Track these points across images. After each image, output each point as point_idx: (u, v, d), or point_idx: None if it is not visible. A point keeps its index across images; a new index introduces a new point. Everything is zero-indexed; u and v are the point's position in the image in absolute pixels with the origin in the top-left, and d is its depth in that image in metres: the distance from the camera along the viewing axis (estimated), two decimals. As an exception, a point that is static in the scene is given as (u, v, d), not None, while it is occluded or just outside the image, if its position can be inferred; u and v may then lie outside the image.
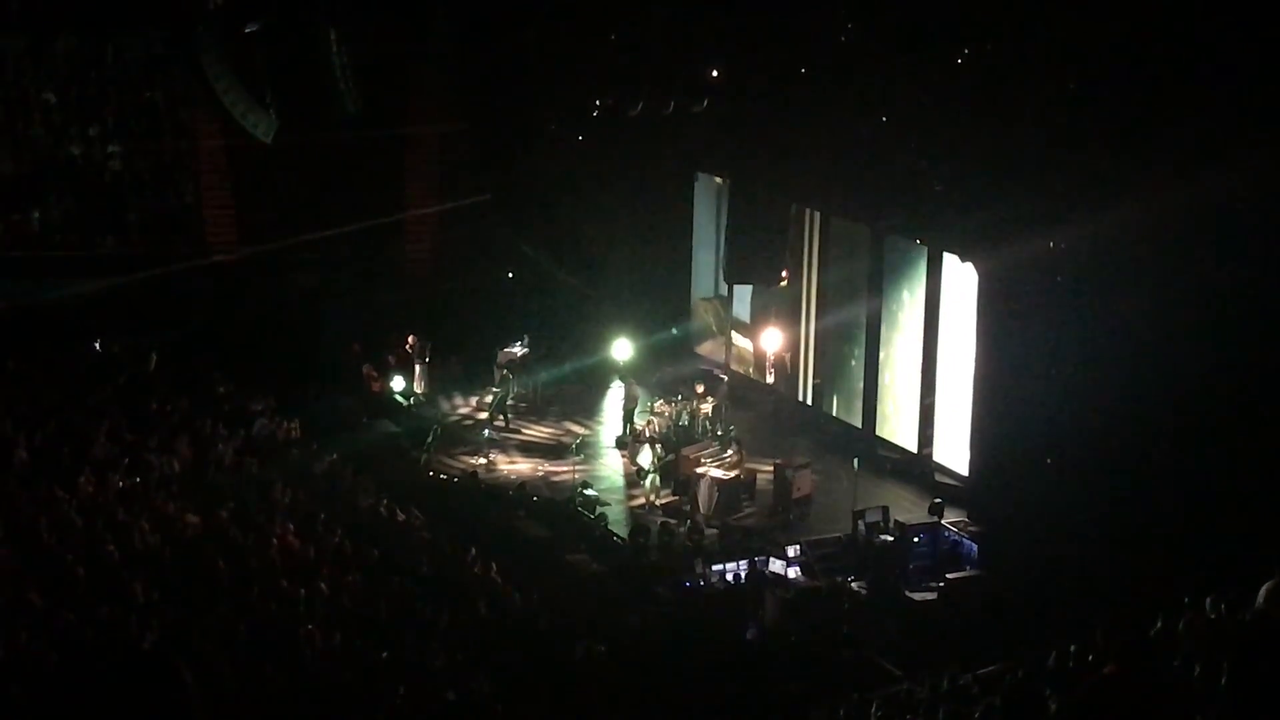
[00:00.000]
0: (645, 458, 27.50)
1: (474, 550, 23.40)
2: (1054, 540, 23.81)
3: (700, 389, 29.76)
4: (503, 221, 34.20)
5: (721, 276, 32.98)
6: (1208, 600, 17.90)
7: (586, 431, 30.33)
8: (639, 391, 30.38)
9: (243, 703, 17.96)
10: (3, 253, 33.23)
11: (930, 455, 28.29)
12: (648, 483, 27.37)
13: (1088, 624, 19.57)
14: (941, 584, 24.05)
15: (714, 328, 34.87)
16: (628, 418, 30.19)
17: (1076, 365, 25.16)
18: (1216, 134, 22.89)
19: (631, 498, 27.61)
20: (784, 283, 31.28)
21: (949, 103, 26.13)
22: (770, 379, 32.32)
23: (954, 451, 27.92)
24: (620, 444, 29.72)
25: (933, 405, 28.22)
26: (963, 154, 26.35)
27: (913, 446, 28.58)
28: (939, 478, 27.90)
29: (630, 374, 31.11)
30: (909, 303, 28.62)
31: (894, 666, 21.04)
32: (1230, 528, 22.27)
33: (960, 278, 27.33)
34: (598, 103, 29.38)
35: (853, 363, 30.22)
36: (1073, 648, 18.14)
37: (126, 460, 24.67)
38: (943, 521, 25.29)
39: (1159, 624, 18.37)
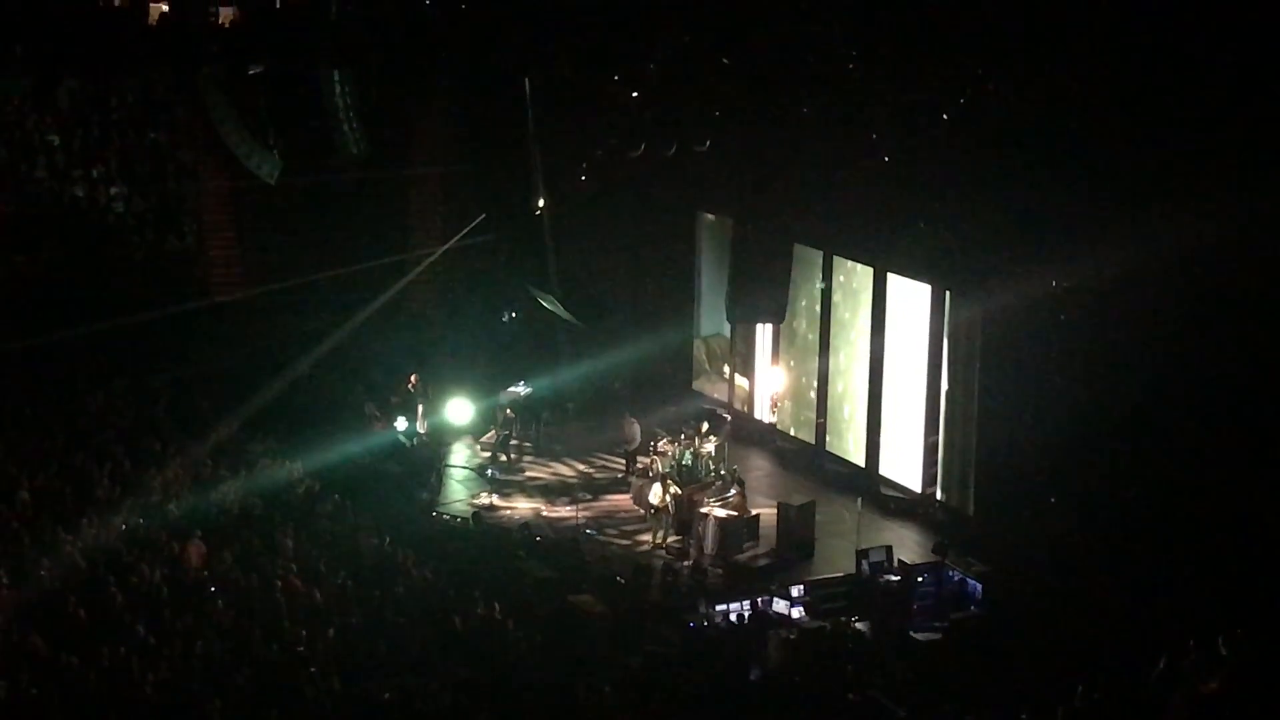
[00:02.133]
0: (653, 497, 27.47)
1: (477, 591, 23.37)
2: (1059, 580, 23.75)
3: (703, 428, 29.74)
4: (505, 261, 34.27)
5: (724, 315, 32.99)
6: (1220, 638, 17.93)
7: (573, 475, 30.27)
8: (638, 430, 30.32)
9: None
10: (6, 294, 33.28)
11: (934, 494, 28.26)
12: (654, 522, 27.33)
13: (1093, 664, 19.58)
14: (946, 624, 23.99)
15: (706, 365, 34.90)
16: (627, 456, 30.17)
17: (1080, 403, 25.15)
18: (1219, 176, 22.94)
19: (635, 538, 27.55)
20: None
21: (951, 143, 26.18)
22: (773, 418, 32.33)
23: (959, 490, 27.92)
24: (621, 483, 29.70)
25: (936, 444, 28.20)
26: (965, 194, 26.39)
27: (916, 486, 28.54)
28: (941, 516, 27.87)
29: (629, 412, 31.05)
30: (912, 340, 28.62)
31: (898, 707, 20.94)
32: (1237, 566, 22.23)
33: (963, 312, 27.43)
34: (600, 143, 29.45)
35: (836, 395, 30.25)
36: (1080, 689, 18.17)
37: (129, 501, 24.70)
38: (947, 561, 25.23)
39: (1162, 664, 18.40)
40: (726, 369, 34.22)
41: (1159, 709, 17.53)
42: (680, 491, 27.40)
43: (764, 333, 32.54)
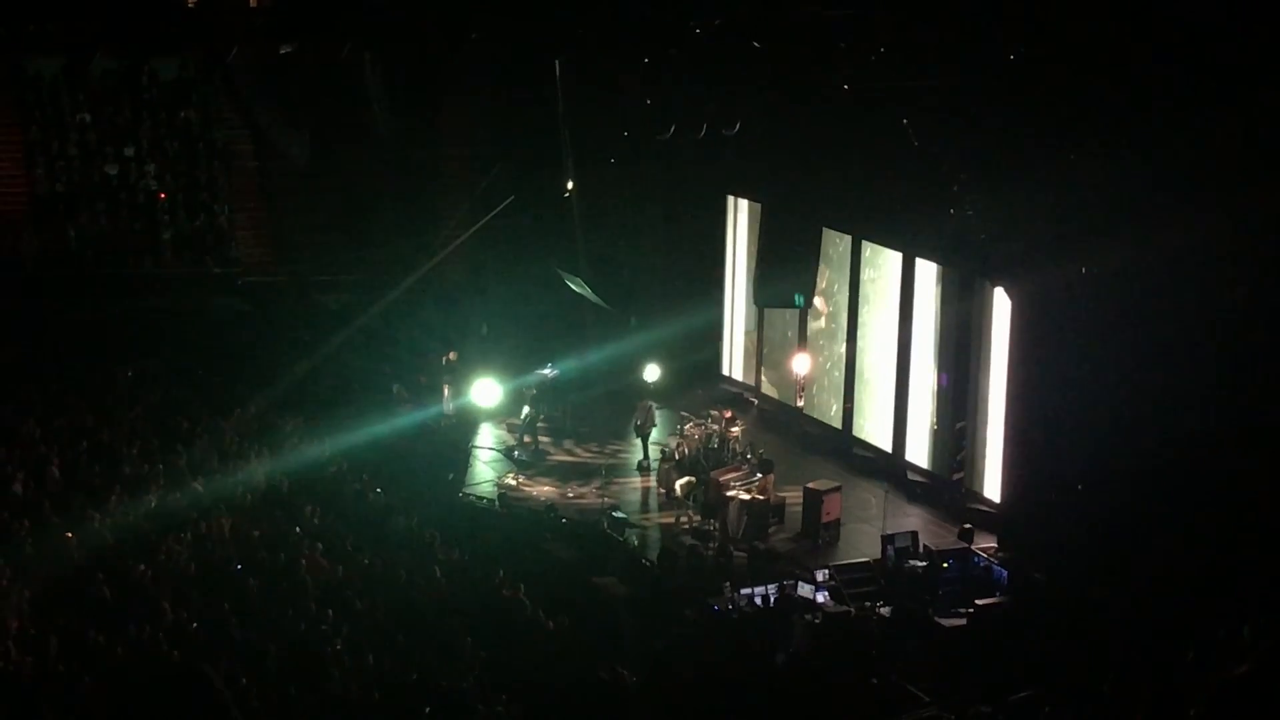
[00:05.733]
0: (679, 481, 27.48)
1: (502, 572, 23.43)
2: (1084, 567, 23.67)
3: (729, 413, 29.72)
4: (534, 243, 34.27)
5: (752, 300, 32.97)
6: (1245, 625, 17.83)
7: (599, 458, 30.29)
8: (654, 414, 30.31)
9: (271, 723, 18.03)
10: (39, 272, 33.46)
11: (962, 481, 28.19)
12: (682, 506, 27.34)
13: (1119, 651, 19.53)
14: (970, 610, 23.95)
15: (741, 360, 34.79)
16: (644, 439, 30.17)
17: (1109, 391, 25.04)
18: (1252, 157, 22.77)
19: (660, 521, 27.58)
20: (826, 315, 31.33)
21: (983, 128, 26.08)
22: (800, 403, 32.30)
23: (986, 477, 27.85)
24: (640, 467, 29.73)
25: (964, 430, 28.13)
26: (996, 179, 26.28)
27: (943, 471, 28.47)
28: (969, 503, 27.81)
29: (649, 395, 31.02)
30: (940, 326, 28.56)
31: (922, 692, 20.95)
32: (1267, 553, 22.11)
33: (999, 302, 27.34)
34: (630, 125, 29.45)
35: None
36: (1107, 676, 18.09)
37: (157, 479, 24.82)
38: (972, 547, 25.19)
39: (1191, 652, 18.33)
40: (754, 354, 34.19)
41: (1187, 696, 17.47)
42: (696, 481, 27.37)
43: (792, 317, 32.48)
